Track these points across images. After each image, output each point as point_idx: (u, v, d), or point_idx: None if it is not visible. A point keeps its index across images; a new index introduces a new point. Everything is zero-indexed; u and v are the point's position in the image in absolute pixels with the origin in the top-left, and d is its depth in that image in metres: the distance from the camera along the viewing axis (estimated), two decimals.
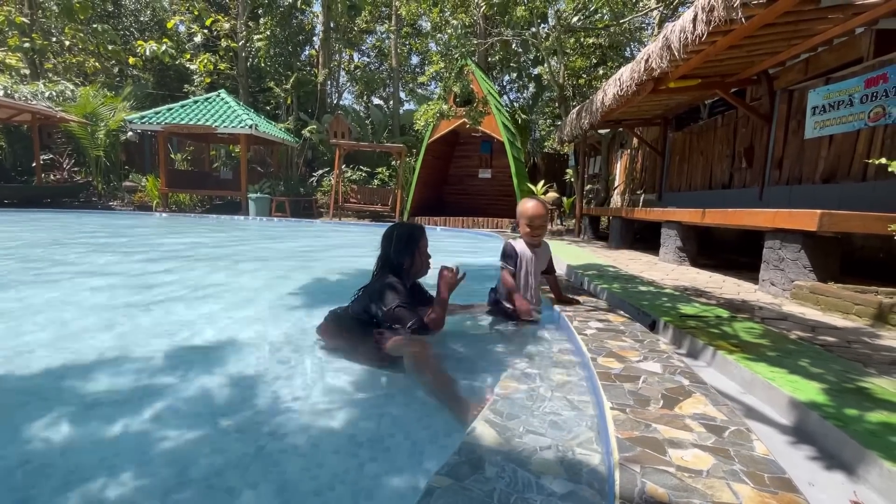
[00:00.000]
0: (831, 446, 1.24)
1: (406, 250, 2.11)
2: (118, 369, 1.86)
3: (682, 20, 3.52)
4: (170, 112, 12.44)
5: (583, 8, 10.45)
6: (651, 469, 0.96)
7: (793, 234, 3.10)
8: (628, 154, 10.39)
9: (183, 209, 13.73)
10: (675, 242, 4.85)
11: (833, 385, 1.52)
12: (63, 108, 13.10)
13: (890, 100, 3.78)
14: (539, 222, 2.42)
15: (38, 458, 1.26)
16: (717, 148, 6.56)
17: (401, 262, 2.11)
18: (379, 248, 2.18)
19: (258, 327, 2.46)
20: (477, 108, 8.78)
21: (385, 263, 2.13)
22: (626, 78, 4.88)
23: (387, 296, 1.94)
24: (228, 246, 6.47)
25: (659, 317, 2.44)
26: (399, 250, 2.11)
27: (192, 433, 1.41)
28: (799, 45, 4.24)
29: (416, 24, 18.47)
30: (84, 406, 1.57)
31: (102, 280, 3.61)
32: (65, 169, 13.79)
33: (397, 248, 2.11)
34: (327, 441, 1.39)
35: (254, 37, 15.32)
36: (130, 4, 20.85)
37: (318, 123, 15.43)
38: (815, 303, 2.83)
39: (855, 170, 4.14)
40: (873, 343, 2.09)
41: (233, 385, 1.76)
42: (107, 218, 10.32)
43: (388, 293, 1.95)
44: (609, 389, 1.37)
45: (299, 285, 3.63)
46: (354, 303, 2.10)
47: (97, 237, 6.75)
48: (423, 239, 2.18)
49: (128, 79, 18.68)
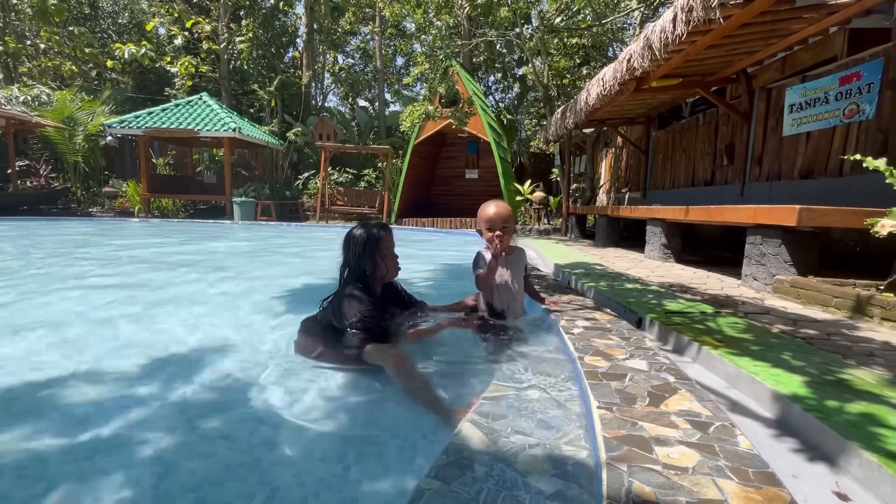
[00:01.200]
0: (813, 438, 1.26)
1: (365, 255, 1.95)
2: (98, 378, 1.81)
3: (663, 20, 3.57)
4: (150, 116, 12.21)
5: (565, 9, 10.55)
6: (638, 468, 0.96)
7: (773, 229, 3.15)
8: (613, 153, 10.50)
9: (166, 215, 13.49)
10: (660, 240, 4.91)
11: (814, 377, 1.55)
12: (39, 113, 12.77)
13: (863, 97, 3.88)
14: (499, 224, 2.15)
15: (12, 471, 1.22)
16: (700, 146, 6.67)
17: (363, 268, 1.97)
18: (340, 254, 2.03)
19: (242, 333, 2.42)
20: (462, 109, 8.79)
21: (347, 271, 2.00)
22: (609, 78, 4.93)
23: (345, 310, 1.82)
24: (211, 251, 6.37)
25: (645, 314, 2.46)
26: (359, 255, 1.96)
27: (177, 441, 1.38)
28: (776, 45, 4.33)
29: (400, 26, 18.46)
30: (65, 415, 1.52)
31: (77, 288, 3.52)
32: (42, 175, 13.45)
33: (356, 253, 1.96)
34: (314, 446, 1.37)
35: (236, 39, 15.13)
36: (108, 6, 20.44)
37: (303, 126, 15.31)
38: (796, 296, 2.89)
39: (832, 165, 4.24)
40: (852, 335, 2.13)
41: (217, 391, 1.73)
42: (86, 225, 10.09)
43: (346, 307, 1.83)
44: (596, 388, 1.38)
45: (284, 289, 3.59)
46: (322, 313, 1.99)
47: (75, 244, 6.59)
48: (384, 240, 2.00)
49: (106, 82, 18.30)
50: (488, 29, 13.72)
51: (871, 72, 3.81)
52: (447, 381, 1.77)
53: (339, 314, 1.84)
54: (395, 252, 2.06)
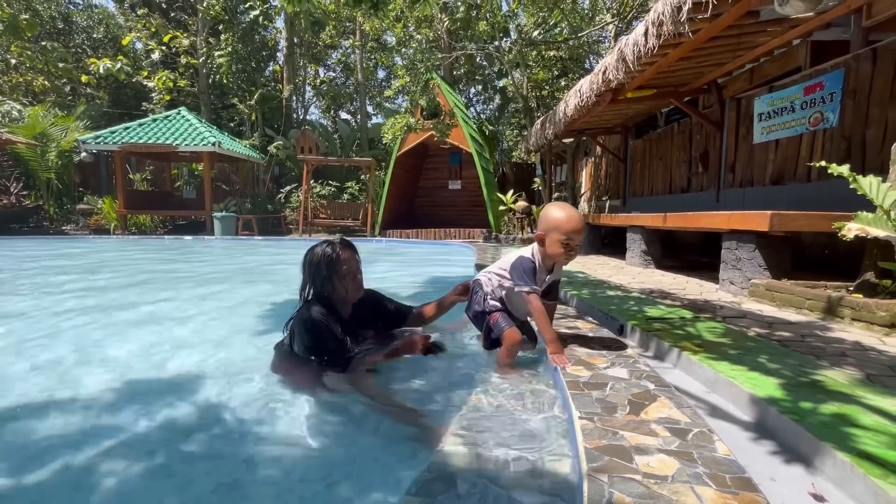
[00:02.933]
0: (790, 440, 1.28)
1: (320, 277, 1.84)
2: (72, 401, 1.75)
3: (635, 34, 3.68)
4: (127, 131, 12.00)
5: (542, 23, 10.80)
6: (618, 478, 0.96)
7: (747, 234, 3.24)
8: (592, 162, 10.70)
9: (143, 231, 13.19)
10: (640, 246, 5.00)
11: (789, 379, 1.58)
12: (9, 130, 12.43)
13: (827, 105, 4.05)
14: (578, 239, 1.82)
15: None
16: (675, 154, 6.84)
17: (321, 292, 1.87)
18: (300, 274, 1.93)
19: (220, 353, 2.37)
20: (444, 121, 8.87)
21: (310, 291, 1.91)
22: (586, 89, 5.04)
23: (299, 336, 1.78)
24: (190, 268, 6.24)
25: (626, 320, 2.49)
26: (314, 278, 1.86)
27: (157, 463, 1.34)
28: (743, 56, 4.50)
29: (380, 39, 18.59)
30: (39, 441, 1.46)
31: (42, 308, 3.40)
32: (12, 193, 13.04)
33: (313, 276, 1.86)
34: (295, 466, 1.34)
35: (215, 53, 15.03)
36: (82, 21, 20.12)
37: (284, 139, 15.21)
38: (771, 299, 2.96)
39: (800, 172, 4.39)
40: (825, 336, 2.19)
41: (196, 412, 1.68)
42: (57, 242, 9.79)
43: (299, 333, 1.79)
44: (577, 398, 1.38)
45: (264, 307, 3.52)
46: (287, 336, 1.94)
47: (40, 263, 6.38)
48: (341, 261, 1.85)
49: (81, 98, 17.93)
50: (468, 42, 13.94)
51: (832, 82, 3.98)
52: (427, 396, 1.75)
53: (296, 340, 1.80)
54: (357, 270, 1.92)
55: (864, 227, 2.41)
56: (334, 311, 1.87)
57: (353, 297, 1.95)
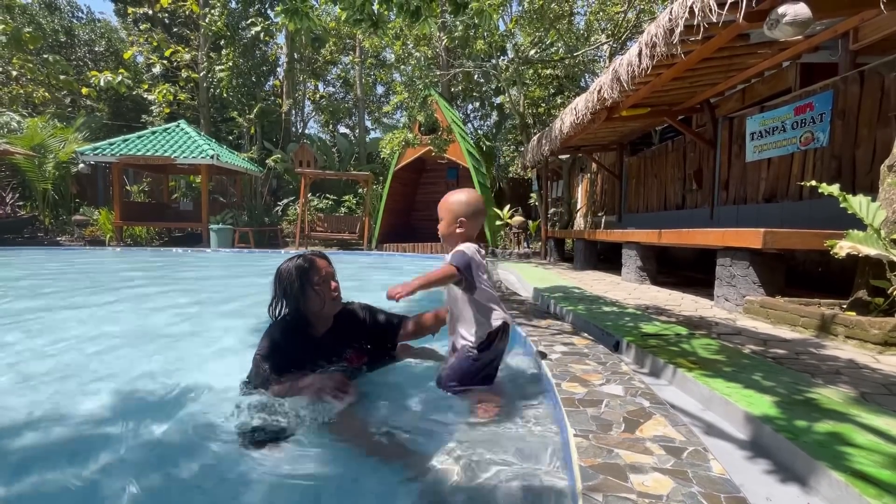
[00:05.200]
0: (785, 459, 1.28)
1: (292, 290, 1.75)
2: (64, 419, 1.71)
3: (629, 54, 3.76)
4: (125, 143, 12.03)
5: (539, 42, 11.01)
6: (613, 497, 0.95)
7: (741, 251, 3.27)
8: (588, 178, 10.80)
9: (139, 243, 13.13)
10: (636, 262, 5.02)
11: (784, 398, 1.58)
12: (7, 140, 12.44)
13: (817, 126, 4.13)
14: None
15: None
16: (670, 171, 6.93)
17: (295, 307, 1.78)
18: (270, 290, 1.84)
19: (216, 367, 2.34)
20: (441, 137, 8.96)
21: (280, 308, 1.81)
22: (582, 107, 5.12)
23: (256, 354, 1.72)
24: (184, 280, 6.20)
25: (622, 337, 2.49)
26: (286, 291, 1.77)
27: (148, 483, 1.30)
28: (735, 77, 4.60)
29: (380, 56, 18.88)
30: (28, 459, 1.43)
31: (35, 322, 3.36)
32: (7, 204, 13.00)
33: (285, 289, 1.77)
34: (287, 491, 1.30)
35: (216, 67, 15.20)
36: (84, 35, 20.35)
37: (282, 153, 15.30)
38: (766, 316, 2.98)
39: (793, 190, 4.45)
40: (819, 353, 2.20)
41: (187, 431, 1.64)
42: (48, 254, 9.72)
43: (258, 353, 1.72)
44: (573, 416, 1.38)
45: (260, 321, 3.49)
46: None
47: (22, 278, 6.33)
48: (314, 269, 1.76)
49: (80, 109, 18.03)
50: (466, 60, 14.19)
51: (822, 103, 4.07)
52: (418, 413, 1.70)
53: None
54: (333, 279, 1.81)
55: (856, 245, 2.44)
56: (306, 329, 1.80)
57: (330, 310, 1.83)
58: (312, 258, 1.80)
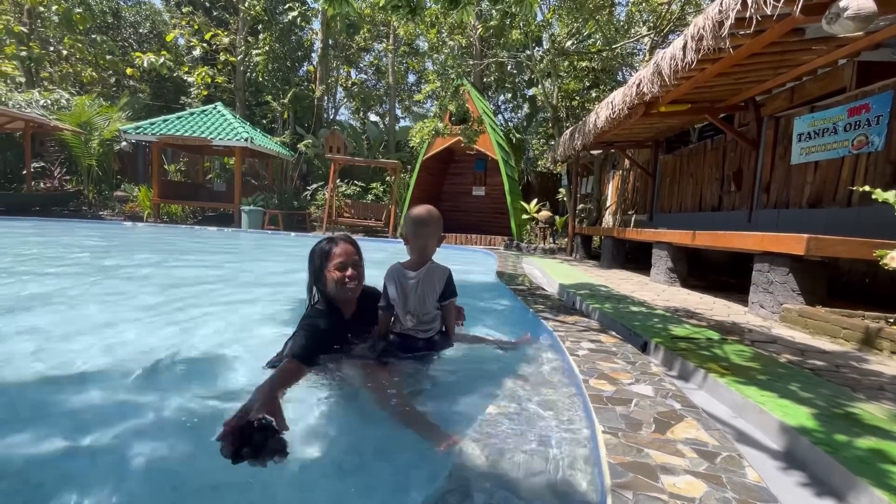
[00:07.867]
0: (822, 473, 1.24)
1: (314, 270, 1.83)
2: (102, 384, 1.81)
3: (673, 48, 3.63)
4: (165, 123, 12.45)
5: (576, 33, 10.74)
6: (644, 496, 0.94)
7: (781, 257, 3.14)
8: (620, 175, 10.54)
9: (175, 220, 13.63)
10: (666, 263, 4.89)
11: (823, 410, 1.53)
12: (57, 117, 13.05)
13: (873, 129, 3.90)
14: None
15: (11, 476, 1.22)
16: (707, 171, 6.69)
17: (320, 288, 1.84)
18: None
19: (248, 344, 2.42)
20: (472, 127, 8.90)
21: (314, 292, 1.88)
22: (619, 101, 4.99)
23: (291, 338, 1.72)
24: (221, 259, 6.41)
25: (650, 338, 2.44)
26: (311, 271, 1.85)
27: (177, 453, 1.36)
28: (785, 74, 4.38)
29: (413, 44, 18.81)
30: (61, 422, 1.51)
31: (81, 291, 3.54)
32: (56, 177, 13.68)
33: (312, 269, 1.84)
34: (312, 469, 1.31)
35: (253, 51, 15.50)
36: (130, 17, 21.04)
37: (314, 138, 15.52)
38: (804, 326, 2.86)
39: (840, 195, 4.23)
40: (861, 368, 2.10)
41: (217, 405, 1.71)
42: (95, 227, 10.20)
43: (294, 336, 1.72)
44: (601, 412, 1.37)
45: (294, 299, 3.58)
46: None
47: (77, 248, 6.66)
48: (336, 253, 1.79)
49: (124, 89, 18.73)
50: (500, 50, 13.97)
51: (880, 104, 3.84)
52: (445, 403, 1.71)
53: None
54: (354, 265, 1.81)
55: None
56: (334, 310, 1.84)
57: (342, 295, 1.82)
58: (332, 243, 1.84)
